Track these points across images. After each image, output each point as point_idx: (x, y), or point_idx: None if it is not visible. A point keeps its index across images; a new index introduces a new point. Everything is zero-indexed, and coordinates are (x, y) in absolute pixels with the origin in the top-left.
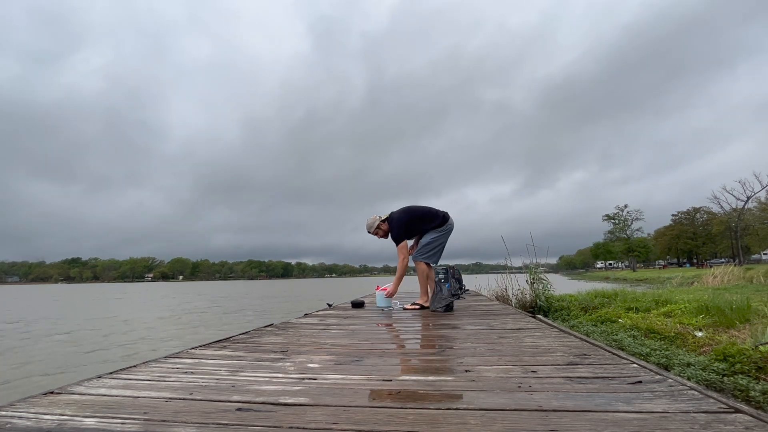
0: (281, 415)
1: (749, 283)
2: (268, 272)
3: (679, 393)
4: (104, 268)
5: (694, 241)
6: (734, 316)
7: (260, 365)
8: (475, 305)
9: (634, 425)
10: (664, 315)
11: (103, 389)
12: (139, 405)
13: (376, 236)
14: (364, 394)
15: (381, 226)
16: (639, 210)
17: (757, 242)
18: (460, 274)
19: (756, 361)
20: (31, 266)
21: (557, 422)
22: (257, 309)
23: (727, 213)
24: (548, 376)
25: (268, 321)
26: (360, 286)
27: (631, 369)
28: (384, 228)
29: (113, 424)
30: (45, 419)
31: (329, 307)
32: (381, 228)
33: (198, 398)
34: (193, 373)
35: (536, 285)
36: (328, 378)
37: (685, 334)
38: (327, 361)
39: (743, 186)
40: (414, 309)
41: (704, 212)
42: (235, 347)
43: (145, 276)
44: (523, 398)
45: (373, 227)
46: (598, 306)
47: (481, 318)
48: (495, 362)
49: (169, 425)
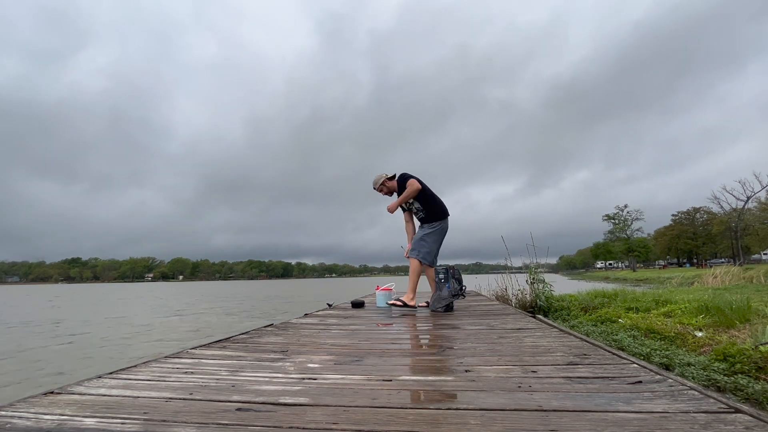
0: (281, 415)
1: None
2: (268, 272)
3: (679, 393)
4: (104, 268)
5: (694, 241)
6: (734, 316)
7: (260, 365)
8: (475, 305)
9: (634, 425)
10: (664, 315)
11: (103, 389)
12: (139, 405)
13: (380, 193)
14: (364, 394)
15: (386, 183)
16: (639, 210)
17: (757, 242)
18: (460, 274)
19: (756, 361)
20: (31, 266)
21: (557, 422)
22: (272, 309)
23: (727, 213)
24: (548, 376)
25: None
26: (360, 286)
27: (631, 369)
28: (389, 185)
29: (113, 424)
30: (45, 419)
31: (329, 307)
32: (386, 185)
33: (198, 398)
34: (193, 373)
35: (536, 285)
36: (328, 378)
37: (685, 334)
38: (327, 361)
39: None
40: (398, 306)
41: (704, 212)
42: (235, 347)
43: (145, 276)
44: (523, 398)
45: (377, 183)
46: (598, 306)
47: (481, 318)
48: (495, 362)
49: (169, 425)
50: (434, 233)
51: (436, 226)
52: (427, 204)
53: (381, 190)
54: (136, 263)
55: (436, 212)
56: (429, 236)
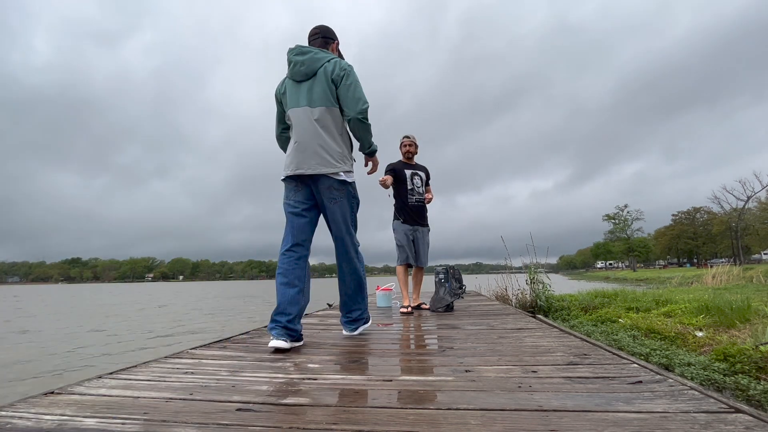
0: (281, 416)
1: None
2: (268, 272)
3: (680, 393)
4: (104, 268)
5: (694, 241)
6: (734, 316)
7: (260, 365)
8: (475, 305)
9: (635, 425)
10: (665, 315)
11: (103, 389)
12: (139, 405)
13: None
14: (364, 394)
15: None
16: (639, 210)
17: (757, 242)
18: (460, 274)
19: (756, 361)
20: (31, 266)
21: (557, 422)
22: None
23: (727, 213)
24: (548, 376)
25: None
26: None
27: (632, 369)
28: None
29: (113, 425)
30: (45, 419)
31: (329, 307)
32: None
33: (198, 398)
34: (194, 373)
35: (536, 285)
36: (328, 378)
37: (685, 334)
38: (327, 361)
39: (743, 186)
40: (405, 312)
41: (704, 212)
42: (236, 347)
43: (146, 276)
44: (523, 398)
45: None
46: (598, 306)
47: (481, 318)
48: (495, 362)
49: (170, 425)
50: (395, 233)
51: (395, 226)
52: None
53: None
54: (136, 263)
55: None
56: (395, 235)
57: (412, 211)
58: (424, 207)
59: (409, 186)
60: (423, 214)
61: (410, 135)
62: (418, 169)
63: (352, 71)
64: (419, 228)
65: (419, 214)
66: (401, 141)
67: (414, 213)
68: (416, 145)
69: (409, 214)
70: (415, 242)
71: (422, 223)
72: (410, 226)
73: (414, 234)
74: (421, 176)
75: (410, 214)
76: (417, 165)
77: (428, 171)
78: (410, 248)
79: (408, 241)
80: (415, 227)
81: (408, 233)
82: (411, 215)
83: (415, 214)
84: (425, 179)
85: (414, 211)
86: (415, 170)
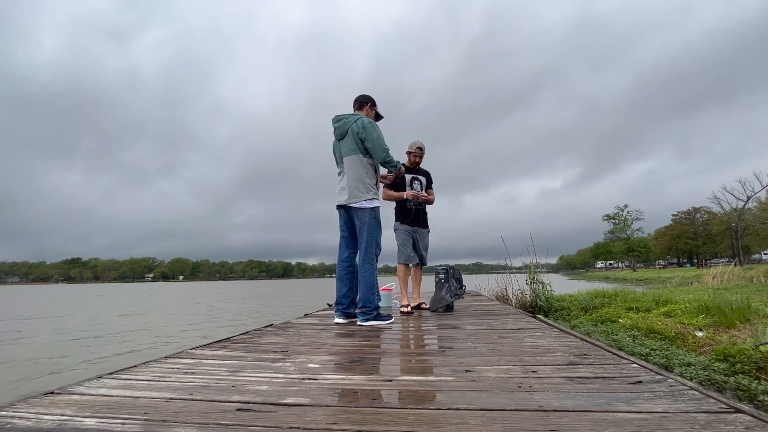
0: (281, 416)
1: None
2: (268, 272)
3: (680, 393)
4: (104, 268)
5: (694, 241)
6: (734, 316)
7: (260, 365)
8: (475, 305)
9: (635, 425)
10: (665, 315)
11: (103, 389)
12: (139, 405)
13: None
14: (364, 394)
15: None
16: (639, 210)
17: (758, 242)
18: (460, 274)
19: (756, 361)
20: (31, 266)
21: (557, 422)
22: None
23: (727, 213)
24: (548, 376)
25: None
26: None
27: (632, 369)
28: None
29: (113, 425)
30: (45, 419)
31: (329, 307)
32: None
33: (198, 398)
34: (194, 373)
35: (536, 285)
36: (328, 378)
37: (685, 334)
38: (327, 361)
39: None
40: (405, 312)
41: (704, 212)
42: (236, 347)
43: (146, 276)
44: (523, 398)
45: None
46: (598, 306)
47: (481, 318)
48: (495, 362)
49: (170, 425)
50: (396, 233)
51: (397, 226)
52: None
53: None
54: (136, 263)
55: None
56: (396, 234)
57: (410, 214)
58: (423, 210)
59: (407, 190)
60: (422, 217)
61: (422, 146)
62: (419, 173)
63: (370, 127)
64: (419, 229)
65: (418, 217)
66: (413, 149)
67: (413, 216)
68: (423, 155)
69: (408, 216)
70: (415, 242)
71: (422, 225)
72: (410, 227)
73: (414, 234)
74: (421, 181)
75: (409, 216)
76: (418, 169)
77: (430, 175)
78: (410, 248)
79: (408, 242)
80: (415, 228)
81: (408, 234)
82: (410, 218)
83: (413, 217)
84: (425, 184)
85: (413, 214)
86: (416, 175)
